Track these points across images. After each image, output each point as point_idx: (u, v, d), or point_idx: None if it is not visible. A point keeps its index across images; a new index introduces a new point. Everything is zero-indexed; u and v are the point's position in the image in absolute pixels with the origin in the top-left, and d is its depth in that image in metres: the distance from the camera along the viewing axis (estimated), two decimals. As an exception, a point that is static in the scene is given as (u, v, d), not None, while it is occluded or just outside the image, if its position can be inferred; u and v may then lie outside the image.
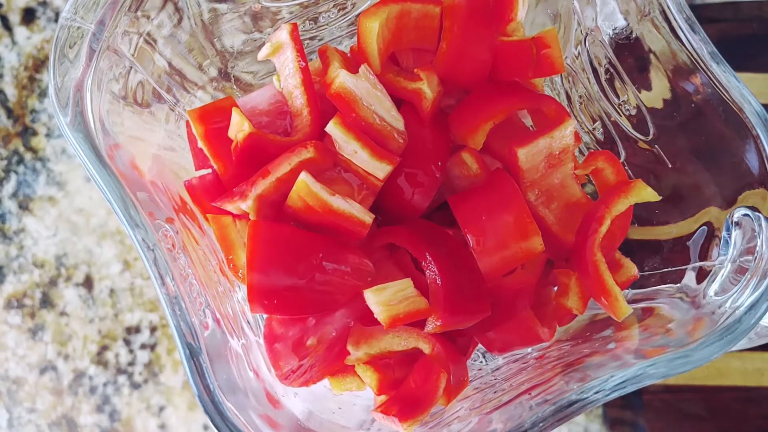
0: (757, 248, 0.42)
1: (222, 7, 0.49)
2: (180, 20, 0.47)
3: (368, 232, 0.44)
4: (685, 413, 0.65)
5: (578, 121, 0.55)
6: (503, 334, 0.48)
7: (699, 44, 0.43)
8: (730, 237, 0.44)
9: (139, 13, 0.44)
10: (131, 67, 0.45)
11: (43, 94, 0.73)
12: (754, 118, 0.42)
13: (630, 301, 0.49)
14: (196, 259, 0.45)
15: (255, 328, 0.49)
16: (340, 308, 0.45)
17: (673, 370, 0.40)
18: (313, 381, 0.47)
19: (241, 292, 0.49)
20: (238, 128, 0.43)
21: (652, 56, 0.46)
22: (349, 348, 0.45)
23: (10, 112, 0.73)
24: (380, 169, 0.44)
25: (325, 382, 0.49)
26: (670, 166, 0.49)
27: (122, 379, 0.70)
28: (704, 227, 0.46)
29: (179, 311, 0.40)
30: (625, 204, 0.46)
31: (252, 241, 0.41)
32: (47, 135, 0.72)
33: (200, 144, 0.45)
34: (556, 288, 0.50)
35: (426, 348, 0.45)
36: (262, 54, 0.46)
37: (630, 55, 0.48)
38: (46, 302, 0.70)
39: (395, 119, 0.44)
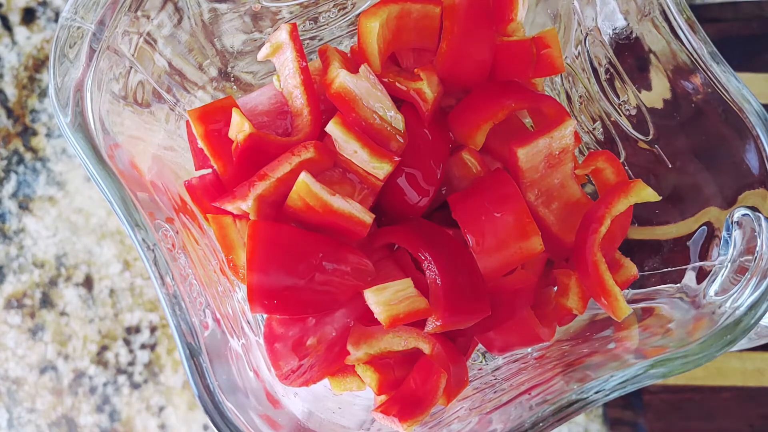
0: (757, 248, 0.42)
1: (222, 7, 0.49)
2: (180, 20, 0.47)
3: (368, 232, 0.44)
4: (685, 413, 0.65)
5: (578, 121, 0.55)
6: (503, 334, 0.48)
7: (699, 44, 0.43)
8: (730, 237, 0.44)
9: (139, 13, 0.44)
10: (131, 67, 0.45)
11: (43, 94, 0.73)
12: (754, 118, 0.42)
13: (630, 301, 0.49)
14: (196, 259, 0.45)
15: (255, 328, 0.49)
16: (340, 308, 0.45)
17: (673, 370, 0.40)
18: (313, 381, 0.47)
19: (241, 292, 0.49)
20: (239, 128, 0.43)
21: (652, 56, 0.46)
22: (349, 348, 0.45)
23: (10, 112, 0.73)
24: (380, 169, 0.44)
25: (325, 382, 0.49)
26: (670, 166, 0.49)
27: (122, 379, 0.70)
28: (704, 227, 0.46)
29: (179, 311, 0.40)
30: (625, 204, 0.46)
31: (252, 241, 0.41)
32: (47, 135, 0.72)
33: (200, 144, 0.45)
34: (556, 288, 0.50)
35: (426, 348, 0.45)
36: (261, 54, 0.46)
37: (630, 55, 0.48)
38: (46, 302, 0.70)
39: (395, 119, 0.44)
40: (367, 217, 0.43)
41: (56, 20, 0.74)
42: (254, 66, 0.55)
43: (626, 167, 0.51)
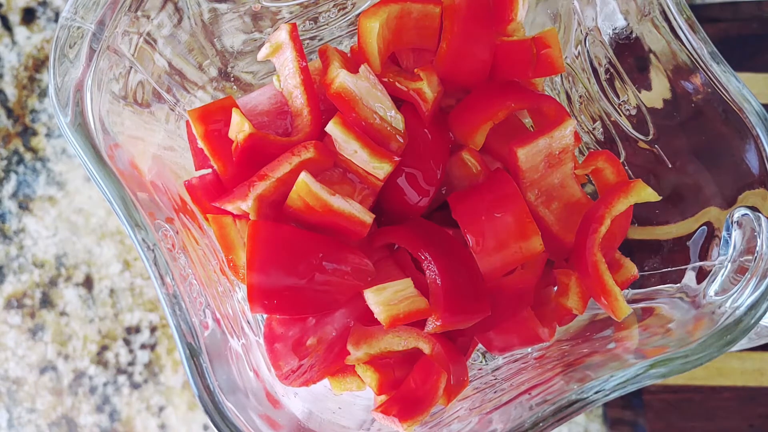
0: (757, 248, 0.42)
1: (222, 7, 0.49)
2: (180, 20, 0.47)
3: (368, 232, 0.44)
4: (685, 413, 0.65)
5: (578, 121, 0.55)
6: (503, 334, 0.48)
7: (699, 44, 0.43)
8: (730, 237, 0.44)
9: (139, 13, 0.44)
10: (131, 67, 0.45)
11: (43, 94, 0.73)
12: (754, 118, 0.42)
13: (630, 301, 0.49)
14: (196, 259, 0.45)
15: (255, 328, 0.49)
16: (340, 308, 0.45)
17: (673, 370, 0.40)
18: (313, 381, 0.47)
19: (241, 292, 0.49)
20: (239, 129, 0.43)
21: (652, 56, 0.46)
22: (349, 348, 0.45)
23: (10, 112, 0.73)
24: (380, 169, 0.44)
25: (325, 382, 0.49)
26: (670, 166, 0.49)
27: (122, 379, 0.70)
28: (704, 227, 0.46)
29: (179, 311, 0.40)
30: (625, 204, 0.46)
31: (252, 241, 0.41)
32: (47, 135, 0.72)
33: (200, 144, 0.45)
34: (556, 288, 0.50)
35: (426, 348, 0.45)
36: (261, 54, 0.46)
37: (630, 55, 0.48)
38: (46, 302, 0.70)
39: (395, 119, 0.44)
40: (367, 217, 0.43)
41: (56, 20, 0.74)
42: (254, 66, 0.55)
43: (626, 167, 0.51)
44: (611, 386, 0.40)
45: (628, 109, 0.50)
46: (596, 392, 0.39)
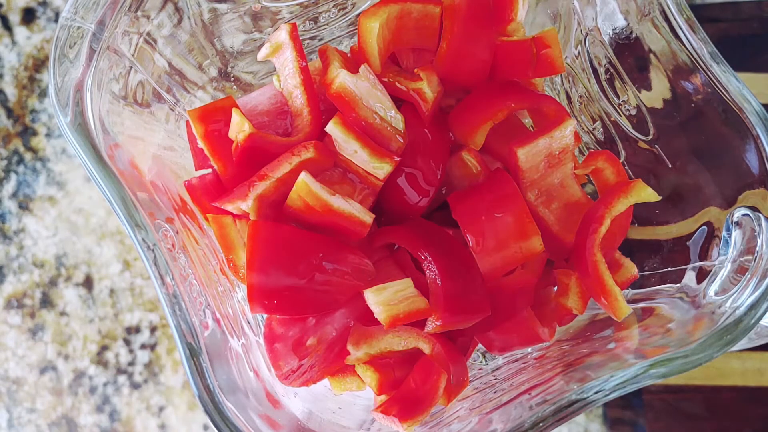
0: (757, 248, 0.42)
1: (222, 7, 0.49)
2: (180, 20, 0.47)
3: (368, 232, 0.44)
4: (685, 413, 0.65)
5: (578, 121, 0.55)
6: (503, 334, 0.48)
7: (699, 44, 0.43)
8: (730, 237, 0.44)
9: (139, 13, 0.44)
10: (131, 67, 0.45)
11: (43, 94, 0.73)
12: (754, 118, 0.42)
13: (630, 301, 0.49)
14: (196, 259, 0.45)
15: (255, 328, 0.49)
16: (340, 308, 0.45)
17: (673, 370, 0.40)
18: (313, 381, 0.47)
19: (241, 292, 0.49)
20: (239, 129, 0.43)
21: (652, 56, 0.46)
22: (349, 348, 0.45)
23: (10, 112, 0.73)
24: (380, 169, 0.44)
25: (325, 382, 0.49)
26: (670, 166, 0.49)
27: (122, 379, 0.70)
28: (704, 227, 0.46)
29: (179, 311, 0.40)
30: (625, 204, 0.46)
31: (252, 241, 0.41)
32: (47, 135, 0.72)
33: (200, 144, 0.45)
34: (556, 288, 0.50)
35: (426, 348, 0.45)
36: (261, 54, 0.46)
37: (630, 55, 0.48)
38: (46, 302, 0.70)
39: (395, 119, 0.44)
40: (367, 217, 0.43)
41: (56, 20, 0.74)
42: (254, 66, 0.55)
43: (626, 167, 0.51)
44: (611, 386, 0.40)
45: (628, 109, 0.50)
46: (596, 392, 0.39)
